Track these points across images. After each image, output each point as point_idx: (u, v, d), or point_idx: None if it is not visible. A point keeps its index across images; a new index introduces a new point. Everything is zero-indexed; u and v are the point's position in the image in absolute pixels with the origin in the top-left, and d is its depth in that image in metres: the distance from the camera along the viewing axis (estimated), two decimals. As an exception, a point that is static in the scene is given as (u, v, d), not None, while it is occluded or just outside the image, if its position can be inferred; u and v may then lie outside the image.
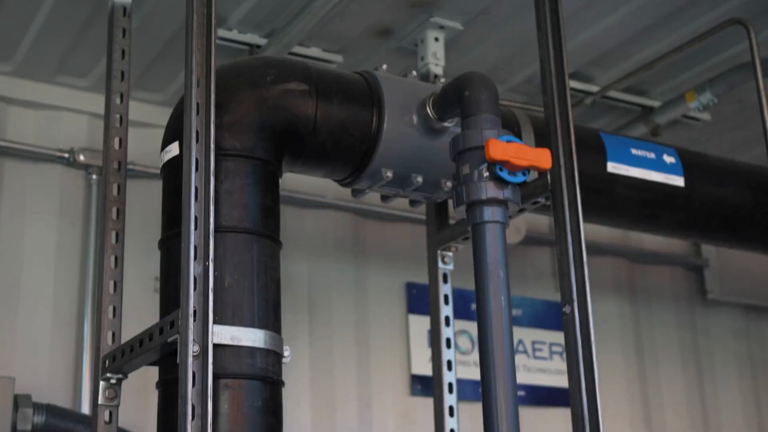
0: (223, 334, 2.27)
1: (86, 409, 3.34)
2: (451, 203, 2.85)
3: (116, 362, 2.51)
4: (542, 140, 2.83)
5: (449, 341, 3.16)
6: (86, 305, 3.51)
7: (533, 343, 4.59)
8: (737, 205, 3.33)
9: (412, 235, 4.28)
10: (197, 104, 2.27)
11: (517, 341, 4.55)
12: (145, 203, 3.52)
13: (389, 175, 2.71)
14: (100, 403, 2.58)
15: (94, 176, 3.69)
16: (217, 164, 2.38)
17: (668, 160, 3.18)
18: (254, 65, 2.65)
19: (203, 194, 2.22)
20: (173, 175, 2.41)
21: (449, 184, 2.79)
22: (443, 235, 3.24)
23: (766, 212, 3.38)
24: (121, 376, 2.58)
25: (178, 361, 2.11)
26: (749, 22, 3.23)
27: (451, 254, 3.24)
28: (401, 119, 2.70)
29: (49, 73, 3.65)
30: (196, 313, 2.13)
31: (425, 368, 4.07)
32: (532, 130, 2.97)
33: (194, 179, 2.22)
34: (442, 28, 3.43)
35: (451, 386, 3.13)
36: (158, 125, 2.99)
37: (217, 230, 2.34)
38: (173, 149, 2.49)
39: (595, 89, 3.92)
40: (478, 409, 4.34)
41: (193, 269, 2.15)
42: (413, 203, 2.99)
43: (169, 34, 3.40)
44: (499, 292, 2.33)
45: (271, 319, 2.38)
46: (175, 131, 2.46)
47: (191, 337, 2.10)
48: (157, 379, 2.37)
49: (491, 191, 2.32)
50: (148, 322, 2.33)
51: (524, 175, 2.36)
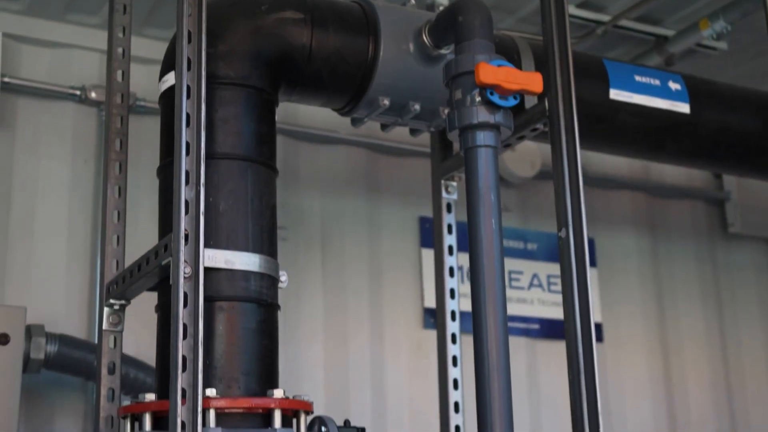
0: (217, 257, 2.31)
1: (101, 339, 3.41)
2: (452, 132, 2.86)
3: (119, 288, 2.57)
4: (543, 68, 2.81)
5: (452, 270, 3.19)
6: (99, 240, 3.56)
7: (548, 277, 4.60)
8: (746, 132, 3.29)
9: (425, 169, 4.25)
10: (189, 32, 2.30)
11: (532, 275, 4.56)
12: (157, 139, 3.55)
13: (386, 103, 2.73)
14: (104, 328, 2.66)
15: (116, 119, 3.72)
16: (211, 93, 2.42)
17: (674, 87, 3.15)
18: (249, -6, 2.66)
19: (195, 121, 2.25)
20: (169, 104, 2.44)
21: (447, 111, 2.80)
22: (447, 164, 3.25)
23: (776, 140, 3.35)
24: (124, 302, 2.65)
25: (170, 282, 2.16)
26: (760, -55, 3.17)
27: (454, 184, 3.25)
28: (397, 47, 2.70)
29: (59, 10, 3.68)
30: (188, 236, 2.18)
31: (439, 301, 4.11)
32: (532, 57, 2.95)
33: (186, 106, 2.26)
34: (447, -45, 3.41)
35: (453, 314, 3.16)
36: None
37: (211, 157, 2.39)
38: (169, 79, 2.52)
39: (606, 18, 3.87)
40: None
41: (184, 193, 2.20)
42: (414, 132, 3.00)
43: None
44: (490, 214, 2.34)
45: (265, 243, 2.42)
46: (171, 62, 2.48)
47: (182, 258, 2.15)
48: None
49: (482, 115, 2.32)
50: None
51: (515, 99, 2.36)
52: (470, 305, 4.24)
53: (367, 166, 4.33)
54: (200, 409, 2.06)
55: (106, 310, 2.66)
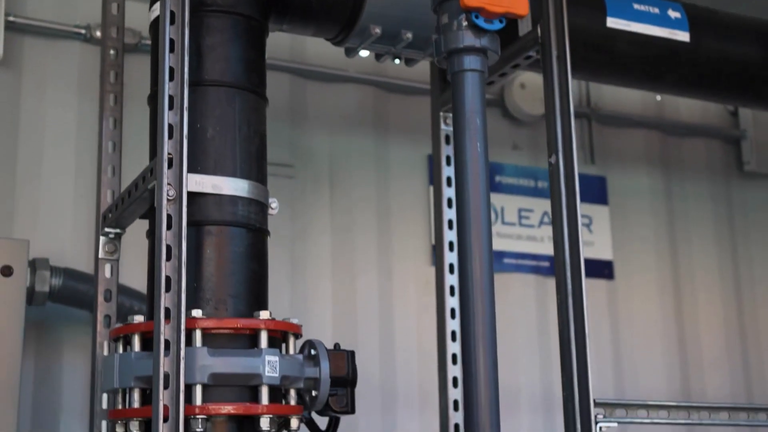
0: (204, 183, 2.34)
1: (106, 274, 3.47)
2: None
3: (113, 216, 2.61)
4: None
5: (450, 201, 3.20)
6: (105, 175, 3.61)
7: (559, 215, 4.59)
8: (748, 61, 3.25)
9: (432, 107, 4.28)
10: (173, -42, 2.30)
11: (542, 213, 4.55)
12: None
13: (378, 31, 2.72)
14: (101, 257, 2.71)
15: (111, 51, 3.75)
16: (199, 20, 2.44)
17: (673, 15, 3.11)
18: None
19: (179, 46, 2.27)
20: (158, 34, 2.45)
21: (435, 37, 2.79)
22: (446, 96, 3.25)
23: (778, 69, 3.30)
24: (119, 230, 2.69)
25: (155, 205, 2.19)
26: None
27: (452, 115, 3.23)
28: (387, -26, 2.70)
29: (64, -52, 3.70)
30: (172, 160, 2.21)
31: (446, 238, 4.12)
32: (525, -17, 2.92)
33: (169, 32, 2.28)
34: None
35: (451, 245, 3.17)
36: None
37: (199, 84, 2.41)
38: (157, 8, 2.52)
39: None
40: (499, 280, 4.35)
41: (167, 118, 2.22)
42: (409, 62, 2.99)
43: None
44: (475, 138, 2.34)
45: (254, 169, 2.44)
46: (160, -9, 2.50)
47: (165, 181, 2.18)
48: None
49: (468, 39, 2.31)
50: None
51: (501, 22, 2.35)
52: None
53: (375, 104, 4.33)
54: (183, 327, 2.09)
55: (102, 239, 2.70)
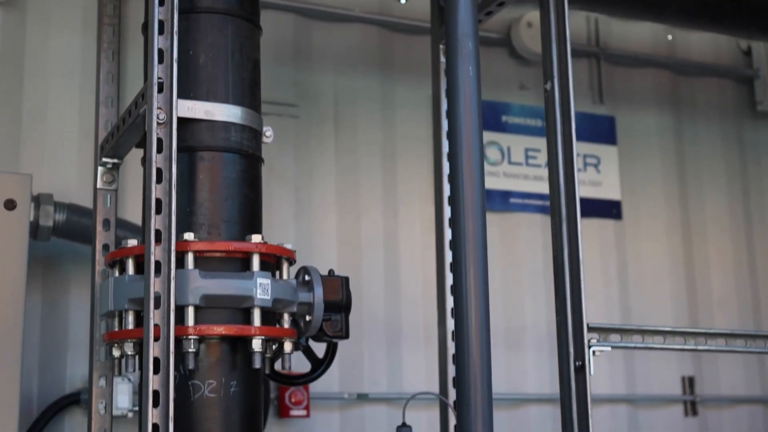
0: (196, 108, 2.35)
1: (112, 210, 3.49)
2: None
3: (110, 144, 2.62)
4: None
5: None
6: (108, 112, 3.62)
7: (567, 154, 4.56)
8: (754, -10, 3.19)
9: (438, 46, 4.25)
10: None
11: (549, 153, 4.53)
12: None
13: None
14: (99, 187, 2.72)
15: (110, -15, 3.74)
16: (191, -51, 2.42)
17: (676, -59, 3.06)
18: None
19: (169, -30, 2.26)
20: (151, -39, 2.45)
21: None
22: (444, 29, 3.21)
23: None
24: (116, 160, 2.70)
25: (146, 129, 2.20)
26: None
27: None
28: None
29: None
30: (162, 84, 2.21)
31: (452, 177, 4.11)
32: None
33: (159, -44, 2.26)
34: None
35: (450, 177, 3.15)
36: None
37: (191, 11, 2.41)
38: (150, -65, 2.52)
39: None
40: (506, 218, 4.42)
41: (157, 43, 2.22)
42: (407, -7, 2.97)
43: None
44: (467, 61, 2.34)
45: (247, 96, 2.44)
46: None
47: (155, 104, 2.18)
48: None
49: (460, -38, 2.30)
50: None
51: (494, -56, 2.34)
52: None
53: (380, 44, 4.31)
54: (173, 248, 2.11)
55: (100, 169, 2.72)
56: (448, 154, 2.32)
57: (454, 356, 3.01)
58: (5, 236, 2.98)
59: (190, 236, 2.23)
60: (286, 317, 2.36)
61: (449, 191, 3.07)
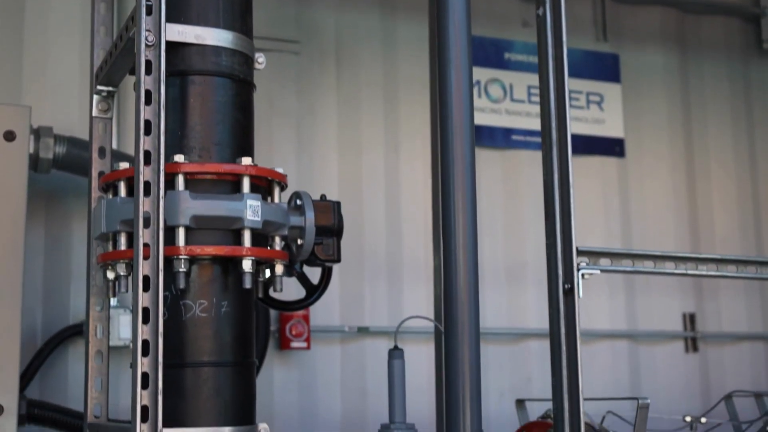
0: (187, 32, 2.35)
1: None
2: None
3: (103, 72, 2.64)
4: None
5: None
6: (108, 47, 3.63)
7: (570, 92, 4.51)
8: None
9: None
10: None
11: (552, 90, 4.51)
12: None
13: None
14: (94, 115, 2.73)
15: None
16: None
17: None
18: None
19: None
20: None
21: None
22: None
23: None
24: (111, 88, 2.71)
25: (135, 51, 2.21)
26: None
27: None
28: None
29: None
30: (151, 7, 2.22)
31: (453, 113, 4.11)
32: None
33: None
34: None
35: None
36: None
37: (182, -65, 2.40)
38: None
39: None
40: (508, 156, 4.43)
41: (146, -35, 2.22)
42: None
43: None
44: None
45: (238, 21, 2.44)
46: None
47: (144, 26, 2.19)
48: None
49: None
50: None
51: None
52: (484, 120, 4.26)
53: (382, -21, 4.30)
54: (162, 169, 2.13)
55: (95, 97, 2.73)
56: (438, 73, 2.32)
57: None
58: (5, 167, 3.02)
59: (180, 158, 2.25)
60: (277, 240, 2.38)
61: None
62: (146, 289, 2.09)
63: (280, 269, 2.39)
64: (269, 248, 2.37)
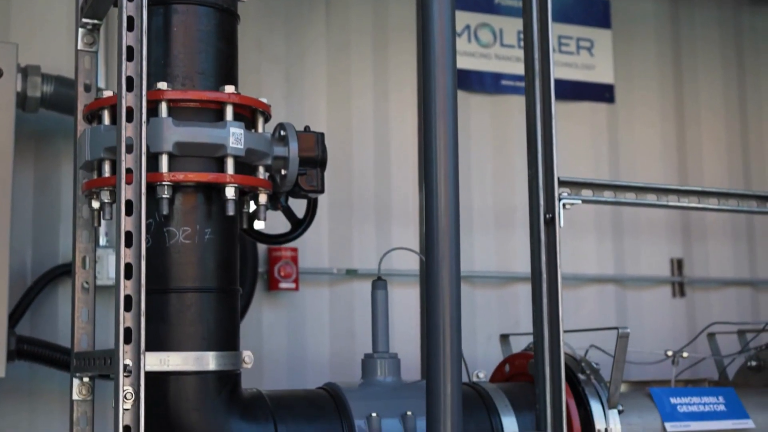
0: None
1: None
2: None
3: (88, 4, 2.63)
4: None
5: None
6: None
7: (560, 38, 4.55)
8: None
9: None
10: None
11: (542, 36, 4.51)
12: None
13: None
14: (79, 48, 2.73)
15: None
16: None
17: None
18: None
19: None
20: None
21: None
22: None
23: None
24: (96, 21, 2.71)
25: (117, -12, 2.21)
26: None
27: None
28: None
29: None
30: (133, -66, 2.22)
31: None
32: None
33: None
34: None
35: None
36: None
37: None
38: None
39: None
40: (498, 101, 4.43)
41: None
42: None
43: None
44: None
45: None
46: None
47: (126, -47, 2.19)
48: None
49: None
50: None
51: None
52: (474, 64, 4.25)
53: None
54: (144, 94, 2.14)
55: (80, 30, 2.72)
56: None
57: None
58: (-7, 105, 3.04)
59: (163, 85, 2.26)
60: (261, 170, 2.40)
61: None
62: (129, 213, 2.11)
63: (263, 198, 2.41)
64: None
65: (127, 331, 2.08)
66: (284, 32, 4.07)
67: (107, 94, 2.35)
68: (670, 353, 2.99)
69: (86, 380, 2.59)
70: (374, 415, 2.44)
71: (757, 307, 4.74)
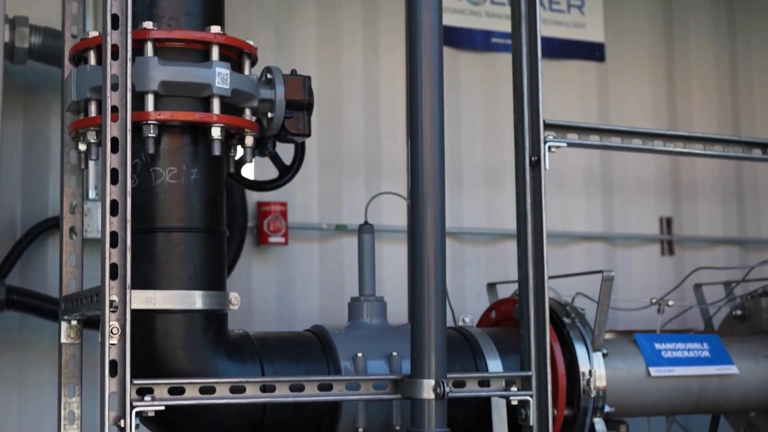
0: None
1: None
2: None
3: (73, -51, 2.63)
4: None
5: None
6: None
7: (551, -4, 4.55)
8: None
9: None
10: None
11: (533, -6, 4.50)
12: None
13: None
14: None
15: None
16: None
17: None
18: None
19: None
20: None
21: None
22: None
23: None
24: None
25: None
26: None
27: None
28: None
29: None
30: None
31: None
32: None
33: None
34: None
35: None
36: None
37: None
38: None
39: None
40: (488, 59, 4.43)
41: None
42: None
43: None
44: None
45: None
46: None
47: None
48: None
49: None
50: None
51: None
52: (464, 22, 4.23)
53: None
54: (129, 31, 2.14)
55: (66, -8, 2.72)
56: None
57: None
58: (-20, 54, 3.02)
59: (149, 25, 2.26)
60: (247, 113, 2.41)
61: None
62: (114, 150, 2.11)
63: (250, 140, 2.42)
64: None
65: (113, 267, 2.08)
66: (274, -12, 4.07)
67: (93, 34, 2.35)
68: (655, 300, 3.01)
69: (74, 323, 2.61)
70: (360, 355, 2.46)
71: (745, 265, 4.76)
